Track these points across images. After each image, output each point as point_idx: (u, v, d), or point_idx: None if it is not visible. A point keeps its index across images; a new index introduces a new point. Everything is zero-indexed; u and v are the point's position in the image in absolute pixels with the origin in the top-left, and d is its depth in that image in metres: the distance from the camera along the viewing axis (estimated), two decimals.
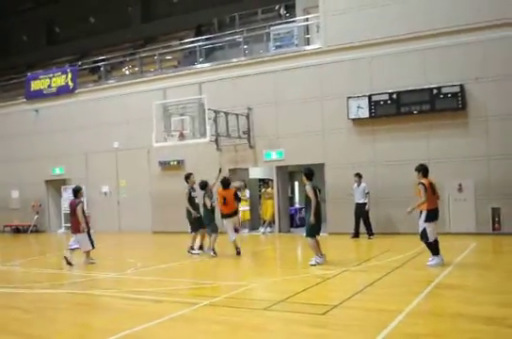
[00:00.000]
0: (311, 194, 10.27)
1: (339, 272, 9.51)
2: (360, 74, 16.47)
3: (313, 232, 10.45)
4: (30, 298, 8.45)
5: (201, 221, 12.88)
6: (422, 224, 9.98)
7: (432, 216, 9.93)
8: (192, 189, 13.23)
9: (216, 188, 12.91)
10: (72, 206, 11.95)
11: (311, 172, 10.69)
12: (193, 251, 12.84)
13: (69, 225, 22.07)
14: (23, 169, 23.61)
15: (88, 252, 12.02)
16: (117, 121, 21.06)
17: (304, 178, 10.68)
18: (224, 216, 12.31)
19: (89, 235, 12.00)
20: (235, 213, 12.55)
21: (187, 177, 13.51)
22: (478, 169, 14.77)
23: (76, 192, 12.13)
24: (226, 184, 12.35)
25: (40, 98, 23.61)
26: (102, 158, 21.54)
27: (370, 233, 15.03)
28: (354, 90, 16.36)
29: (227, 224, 12.25)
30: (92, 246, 12.02)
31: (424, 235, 9.91)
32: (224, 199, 12.18)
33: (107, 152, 21.34)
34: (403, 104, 15.62)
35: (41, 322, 6.82)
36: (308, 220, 10.38)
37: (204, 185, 12.89)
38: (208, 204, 12.61)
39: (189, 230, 13.28)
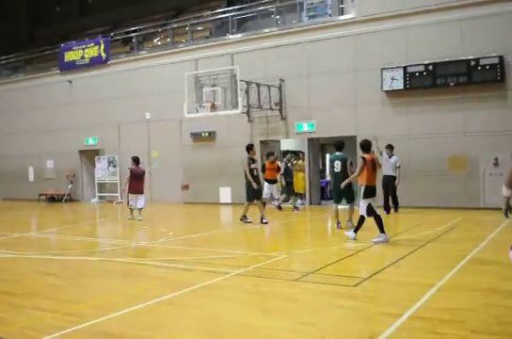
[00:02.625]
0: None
1: (370, 245, 9.45)
2: (395, 45, 16.09)
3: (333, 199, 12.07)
4: (64, 264, 8.62)
5: (259, 193, 13.34)
6: (364, 201, 9.81)
7: (369, 192, 9.74)
8: (251, 160, 13.31)
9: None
10: (140, 172, 14.81)
11: (337, 144, 11.85)
12: (246, 220, 13.19)
13: (102, 194, 22.74)
14: (57, 140, 23.98)
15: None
16: (149, 92, 21.11)
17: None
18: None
19: None
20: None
21: (250, 148, 13.50)
22: None
23: (139, 160, 15.04)
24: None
25: (73, 69, 23.77)
26: (134, 129, 21.69)
27: (396, 207, 14.59)
28: (388, 61, 16.02)
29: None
30: None
31: (369, 211, 9.72)
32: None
33: (139, 122, 21.46)
34: (439, 75, 15.25)
35: (75, 288, 6.95)
36: None
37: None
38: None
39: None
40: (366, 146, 9.96)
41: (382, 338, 4.58)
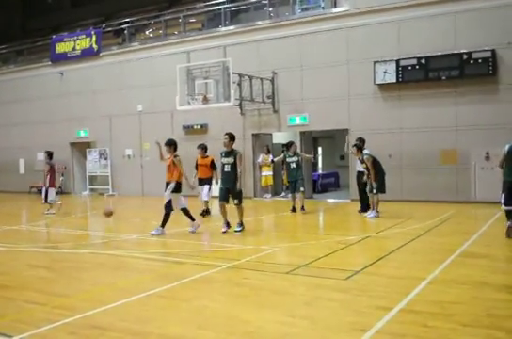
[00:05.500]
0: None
1: (362, 238, 9.48)
2: (388, 38, 16.07)
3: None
4: (55, 257, 8.59)
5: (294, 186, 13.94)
6: (168, 194, 10.51)
7: (179, 188, 10.63)
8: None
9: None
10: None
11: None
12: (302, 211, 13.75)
13: (93, 187, 22.67)
14: (48, 132, 23.80)
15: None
16: (141, 85, 20.99)
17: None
18: None
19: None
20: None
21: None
22: (507, 138, 14.35)
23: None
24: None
25: (64, 61, 23.58)
26: (126, 121, 21.57)
27: (364, 206, 13.17)
28: (381, 55, 16.01)
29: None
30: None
31: (168, 205, 10.54)
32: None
33: (131, 115, 21.35)
34: (431, 69, 15.25)
35: (66, 281, 6.92)
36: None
37: None
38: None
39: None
40: (176, 144, 11.00)
41: (373, 331, 4.59)
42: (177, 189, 10.54)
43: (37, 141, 24.24)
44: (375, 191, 12.27)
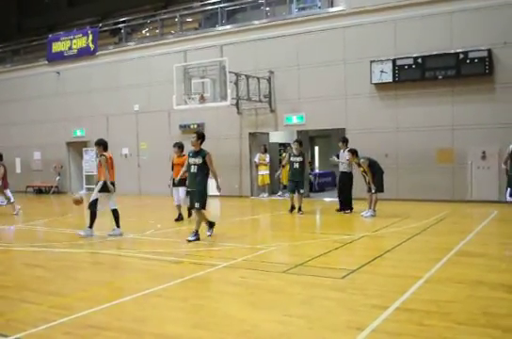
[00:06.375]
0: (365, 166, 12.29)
1: (358, 237, 9.49)
2: (385, 38, 16.08)
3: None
4: (51, 256, 8.57)
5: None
6: (96, 194, 10.32)
7: (106, 187, 10.26)
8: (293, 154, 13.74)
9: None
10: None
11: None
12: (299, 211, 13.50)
13: (90, 186, 22.57)
14: (44, 131, 23.79)
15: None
16: (137, 84, 20.98)
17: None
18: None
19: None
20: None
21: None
22: (504, 137, 14.46)
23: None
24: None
25: (60, 60, 23.54)
26: (122, 121, 21.56)
27: (346, 207, 13.36)
28: (378, 54, 16.02)
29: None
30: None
31: (93, 204, 10.27)
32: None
33: (128, 114, 21.34)
34: (428, 68, 15.28)
35: (62, 280, 6.91)
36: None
37: None
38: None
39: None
40: (106, 144, 10.44)
41: (369, 330, 4.59)
42: (104, 189, 10.20)
43: (33, 141, 24.25)
44: (373, 191, 12.29)
